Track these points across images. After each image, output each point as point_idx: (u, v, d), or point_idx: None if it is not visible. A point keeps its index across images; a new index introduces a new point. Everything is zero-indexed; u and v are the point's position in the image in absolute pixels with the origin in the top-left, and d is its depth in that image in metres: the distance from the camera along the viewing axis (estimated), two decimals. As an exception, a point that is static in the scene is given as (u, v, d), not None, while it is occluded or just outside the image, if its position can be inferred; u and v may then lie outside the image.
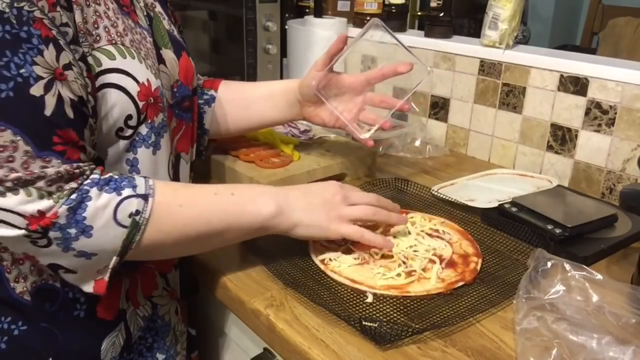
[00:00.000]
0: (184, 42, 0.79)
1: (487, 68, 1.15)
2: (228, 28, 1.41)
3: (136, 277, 0.70)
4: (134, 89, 0.62)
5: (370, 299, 0.67)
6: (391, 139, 1.18)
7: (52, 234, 0.54)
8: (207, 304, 0.86)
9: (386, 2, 1.33)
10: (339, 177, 1.01)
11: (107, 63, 0.61)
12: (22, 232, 0.53)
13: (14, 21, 0.52)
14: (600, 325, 0.59)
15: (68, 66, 0.56)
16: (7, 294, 0.62)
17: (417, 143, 1.19)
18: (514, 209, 0.86)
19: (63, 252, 0.55)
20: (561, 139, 1.06)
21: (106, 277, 0.59)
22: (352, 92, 0.90)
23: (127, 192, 0.58)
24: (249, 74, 1.39)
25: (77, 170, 0.55)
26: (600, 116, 1.00)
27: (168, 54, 0.72)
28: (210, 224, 0.64)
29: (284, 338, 0.63)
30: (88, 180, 0.56)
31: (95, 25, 0.61)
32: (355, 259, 0.74)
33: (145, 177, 0.61)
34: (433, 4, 1.26)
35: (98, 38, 0.61)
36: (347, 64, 1.44)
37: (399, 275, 0.70)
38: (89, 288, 0.59)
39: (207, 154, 0.98)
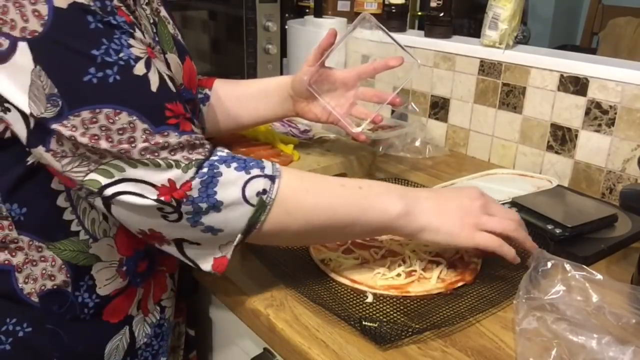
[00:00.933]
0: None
1: (487, 68, 1.15)
2: (228, 28, 1.41)
3: (150, 283, 0.70)
4: None
5: (370, 299, 0.67)
6: (391, 139, 1.18)
7: (184, 208, 0.55)
8: (207, 304, 0.86)
9: (386, 2, 1.33)
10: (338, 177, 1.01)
11: None
12: (153, 202, 0.54)
13: (100, 12, 0.53)
14: (600, 325, 0.59)
15: (151, 46, 0.59)
16: (14, 293, 0.62)
17: (417, 143, 1.19)
18: (514, 209, 0.85)
19: (191, 227, 0.57)
20: (561, 139, 1.06)
21: (228, 255, 0.60)
22: (344, 87, 0.90)
23: (255, 171, 0.59)
24: (249, 74, 1.39)
25: (197, 141, 0.57)
26: (600, 116, 1.00)
27: (173, 58, 0.72)
28: (336, 215, 0.63)
29: (284, 338, 0.63)
30: (216, 157, 0.58)
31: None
32: (355, 259, 0.74)
33: (271, 161, 0.62)
34: (433, 4, 1.26)
35: None
36: (348, 64, 1.44)
37: (399, 275, 0.70)
38: (207, 266, 0.60)
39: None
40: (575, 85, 1.02)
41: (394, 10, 1.33)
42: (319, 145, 1.06)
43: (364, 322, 0.61)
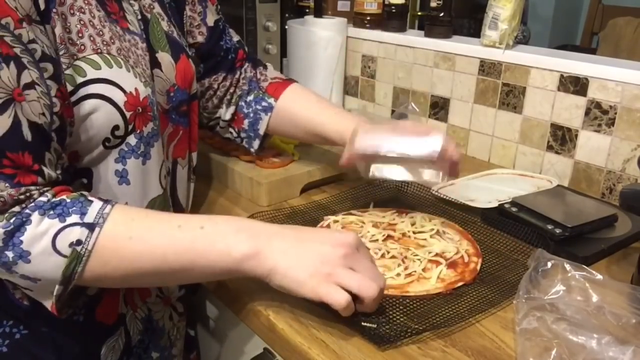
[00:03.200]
0: (186, 43, 0.78)
1: (487, 68, 1.15)
2: (228, 28, 1.41)
3: (132, 288, 0.70)
4: (120, 99, 0.61)
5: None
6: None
7: None
8: (207, 304, 0.86)
9: (386, 2, 1.33)
10: (339, 177, 1.01)
11: (92, 73, 0.59)
12: None
13: None
14: (600, 325, 0.59)
15: (30, 85, 0.53)
16: (8, 300, 0.62)
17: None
18: (514, 209, 0.86)
19: (8, 273, 0.54)
20: (561, 139, 1.06)
21: (54, 304, 0.56)
22: None
23: (72, 219, 0.54)
24: (249, 74, 1.39)
25: (22, 196, 0.53)
26: (600, 116, 1.00)
27: (165, 57, 0.70)
28: (166, 262, 0.57)
29: (284, 338, 0.63)
30: (32, 204, 0.53)
31: (80, 35, 0.59)
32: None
33: (105, 203, 0.57)
34: (433, 4, 1.26)
35: (83, 47, 0.59)
36: (348, 64, 1.44)
37: (398, 275, 0.70)
38: (47, 305, 0.57)
39: (259, 152, 0.95)
40: (575, 85, 1.02)
41: (394, 10, 1.33)
42: (319, 146, 1.06)
43: (363, 322, 0.61)
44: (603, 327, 0.58)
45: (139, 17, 0.68)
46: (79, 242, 0.54)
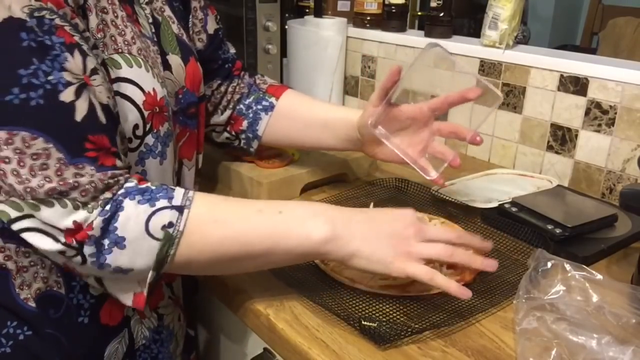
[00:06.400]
0: (194, 47, 0.78)
1: (487, 68, 1.15)
2: (228, 28, 1.41)
3: None
4: (140, 98, 0.62)
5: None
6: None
7: (86, 250, 0.53)
8: (207, 304, 0.86)
9: (386, 2, 1.33)
10: (339, 177, 1.01)
11: (113, 72, 0.60)
12: (58, 246, 0.53)
13: (37, 29, 0.52)
14: (600, 325, 0.59)
15: (94, 71, 0.56)
16: (12, 300, 0.62)
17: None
18: (514, 209, 0.86)
19: (99, 270, 0.55)
20: (561, 139, 1.06)
21: (145, 292, 0.58)
22: (416, 125, 0.80)
23: (161, 203, 0.56)
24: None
25: (111, 180, 0.54)
26: (600, 116, 1.00)
27: (175, 59, 0.71)
28: (249, 245, 0.59)
29: (284, 338, 0.63)
30: (122, 190, 0.55)
31: (103, 34, 0.60)
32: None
33: (186, 189, 0.59)
34: (433, 4, 1.26)
35: (105, 47, 0.60)
36: (348, 64, 1.44)
37: (399, 275, 0.70)
38: (127, 301, 0.59)
39: (254, 155, 0.96)
40: (575, 85, 1.02)
41: (394, 10, 1.33)
42: (319, 145, 1.06)
43: (363, 322, 0.61)
44: (603, 327, 0.58)
45: (150, 20, 0.69)
46: (170, 225, 0.55)
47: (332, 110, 0.89)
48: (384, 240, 0.62)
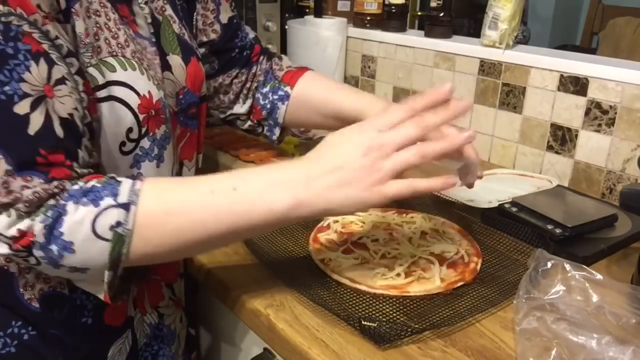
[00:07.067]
0: (196, 46, 0.78)
1: (487, 68, 1.15)
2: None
3: (143, 287, 0.70)
4: (134, 101, 0.61)
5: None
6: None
7: (36, 253, 0.52)
8: (207, 304, 0.86)
9: (386, 2, 1.33)
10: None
11: (107, 75, 0.59)
12: (11, 251, 0.52)
13: (0, 37, 0.50)
14: (600, 325, 0.59)
15: (61, 81, 0.54)
16: (17, 301, 0.62)
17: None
18: (514, 209, 0.86)
19: (55, 269, 0.54)
20: (561, 139, 1.06)
21: (106, 292, 0.57)
22: None
23: (106, 202, 0.53)
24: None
25: (57, 189, 0.53)
26: (600, 116, 1.00)
27: (175, 59, 0.70)
28: (209, 230, 0.57)
29: (284, 338, 0.63)
30: (65, 194, 0.53)
31: (96, 37, 0.60)
32: (355, 258, 0.74)
33: (134, 180, 0.56)
34: (433, 4, 1.26)
35: (99, 50, 0.59)
36: (348, 64, 1.44)
37: (398, 275, 0.70)
38: (100, 295, 0.58)
39: (280, 141, 0.95)
40: (575, 85, 1.02)
41: (394, 10, 1.33)
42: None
43: (363, 322, 0.61)
44: (603, 327, 0.58)
45: (149, 20, 0.68)
46: (118, 224, 0.53)
47: (344, 99, 0.85)
48: (351, 181, 0.57)
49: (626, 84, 0.96)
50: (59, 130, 0.53)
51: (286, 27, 1.40)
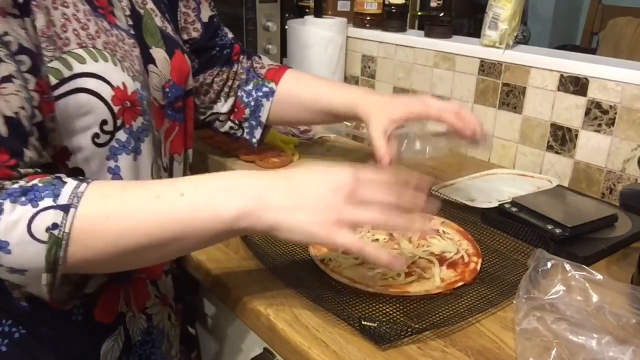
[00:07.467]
0: (180, 39, 0.77)
1: (487, 68, 1.15)
2: (228, 28, 1.41)
3: (129, 289, 0.69)
4: (107, 93, 0.60)
5: None
6: (391, 139, 1.18)
7: None
8: (207, 304, 0.86)
9: (386, 2, 1.33)
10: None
11: (77, 67, 0.58)
12: None
13: None
14: (600, 325, 0.59)
15: (7, 79, 0.52)
16: (7, 300, 0.62)
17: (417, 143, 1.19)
18: (514, 209, 0.86)
19: None
20: (561, 139, 1.06)
21: (46, 295, 0.55)
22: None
23: (45, 203, 0.51)
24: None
25: None
26: (600, 116, 1.00)
27: (159, 52, 0.70)
28: (151, 236, 0.54)
29: (284, 338, 0.63)
30: (3, 193, 0.51)
31: (64, 29, 0.59)
32: (355, 258, 0.74)
33: (78, 181, 0.54)
34: (433, 4, 1.26)
35: (67, 41, 0.58)
36: (348, 64, 1.44)
37: (398, 275, 0.70)
38: (47, 299, 0.56)
39: (260, 143, 0.95)
40: (575, 85, 1.02)
41: (394, 10, 1.33)
42: (319, 146, 1.06)
43: (363, 322, 0.61)
44: (603, 327, 0.58)
45: (128, 12, 0.68)
46: (55, 226, 0.51)
47: (333, 95, 0.87)
48: (308, 208, 0.55)
49: (626, 84, 0.96)
50: (2, 129, 0.52)
51: (286, 27, 1.40)
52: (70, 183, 0.53)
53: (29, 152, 0.54)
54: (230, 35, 0.92)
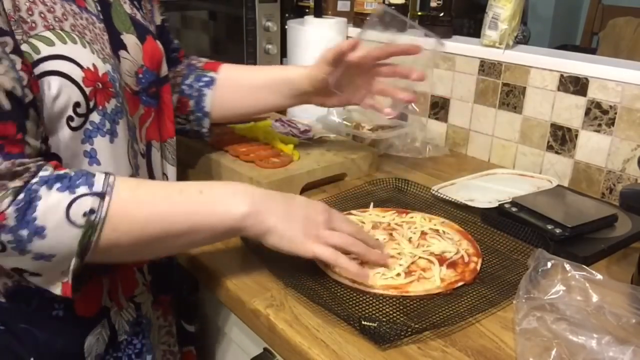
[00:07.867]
0: (151, 25, 0.77)
1: (487, 68, 1.15)
2: (228, 28, 1.41)
3: (115, 278, 0.69)
4: (78, 74, 0.60)
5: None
6: (391, 139, 1.18)
7: (3, 237, 0.52)
8: (207, 304, 0.86)
9: (386, 2, 1.33)
10: (339, 177, 1.01)
11: (46, 50, 0.58)
12: None
13: None
14: (600, 325, 0.59)
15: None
16: None
17: (417, 143, 1.19)
18: (514, 209, 0.86)
19: (20, 255, 0.54)
20: (561, 139, 1.06)
21: (69, 280, 0.57)
22: (363, 75, 0.91)
23: (81, 190, 0.55)
24: (249, 74, 1.39)
25: (19, 168, 0.53)
26: (600, 116, 1.00)
27: (130, 38, 0.70)
28: (173, 224, 0.61)
29: (284, 338, 0.63)
30: (36, 179, 0.53)
31: (30, 12, 0.58)
32: (355, 259, 0.74)
33: (106, 173, 0.58)
34: (433, 4, 1.26)
35: (34, 25, 0.58)
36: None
37: (398, 275, 0.70)
38: (57, 290, 0.58)
39: (211, 138, 0.98)
40: (575, 85, 1.02)
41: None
42: (319, 145, 1.06)
43: (363, 322, 0.61)
44: (603, 327, 0.58)
45: None
46: (92, 211, 0.55)
47: (272, 72, 0.94)
48: (298, 222, 0.67)
49: (626, 84, 0.96)
50: (5, 103, 0.53)
51: (286, 27, 1.40)
52: (99, 174, 0.58)
53: (30, 125, 0.56)
54: (176, 40, 0.95)
